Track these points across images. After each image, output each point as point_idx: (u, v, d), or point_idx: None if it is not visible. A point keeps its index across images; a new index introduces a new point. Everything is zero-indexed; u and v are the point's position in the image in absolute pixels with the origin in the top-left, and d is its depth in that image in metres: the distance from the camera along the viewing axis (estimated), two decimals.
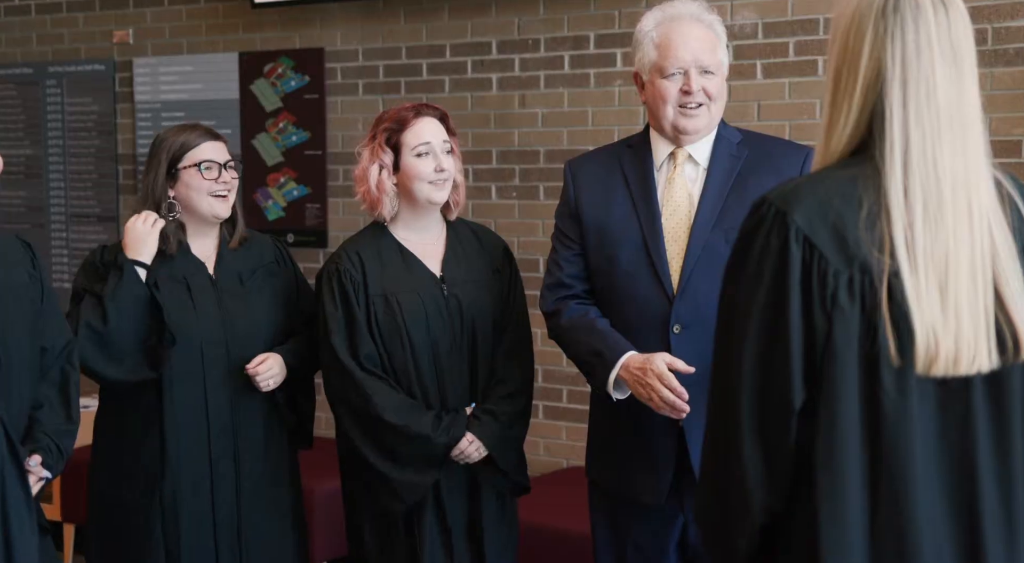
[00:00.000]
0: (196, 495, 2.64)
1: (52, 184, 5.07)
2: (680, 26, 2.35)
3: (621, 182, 2.43)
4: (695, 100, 2.34)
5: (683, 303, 2.32)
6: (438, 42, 4.22)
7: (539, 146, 4.07)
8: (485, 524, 2.62)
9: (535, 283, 4.02)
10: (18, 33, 5.10)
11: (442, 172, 2.57)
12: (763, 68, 3.68)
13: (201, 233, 2.73)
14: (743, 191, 2.33)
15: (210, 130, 2.75)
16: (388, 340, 2.57)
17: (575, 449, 4.00)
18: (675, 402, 2.23)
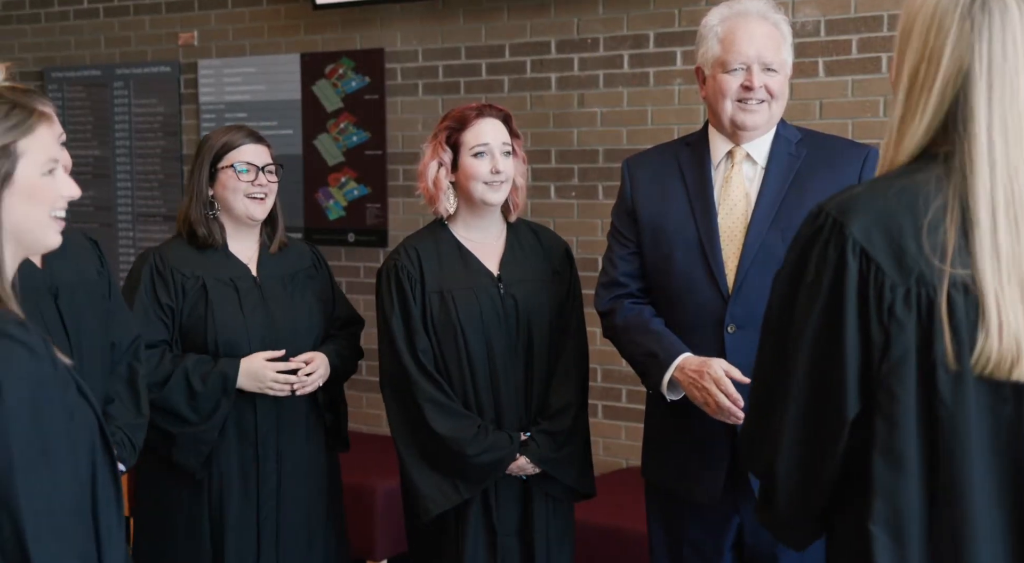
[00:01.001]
0: (242, 493, 2.69)
1: (119, 184, 5.17)
2: (746, 22, 2.34)
3: (678, 180, 2.43)
4: (756, 96, 2.33)
5: (738, 303, 2.31)
6: (497, 42, 4.23)
7: (598, 145, 4.06)
8: (536, 525, 2.61)
9: (594, 283, 4.01)
10: (87, 36, 5.20)
11: (498, 174, 2.57)
12: (825, 66, 3.64)
13: (241, 235, 2.77)
14: (801, 191, 2.31)
15: (253, 132, 2.78)
16: (442, 337, 2.58)
17: (634, 449, 3.99)
18: (731, 408, 2.24)
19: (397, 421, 2.63)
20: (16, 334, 1.50)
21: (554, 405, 2.62)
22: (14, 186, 1.56)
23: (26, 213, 1.58)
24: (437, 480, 2.57)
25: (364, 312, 4.44)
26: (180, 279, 2.69)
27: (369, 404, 4.46)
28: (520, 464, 2.58)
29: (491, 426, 2.58)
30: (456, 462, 2.55)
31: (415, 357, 2.57)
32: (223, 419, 2.66)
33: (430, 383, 2.57)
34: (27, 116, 1.58)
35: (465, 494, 2.57)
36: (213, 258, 2.73)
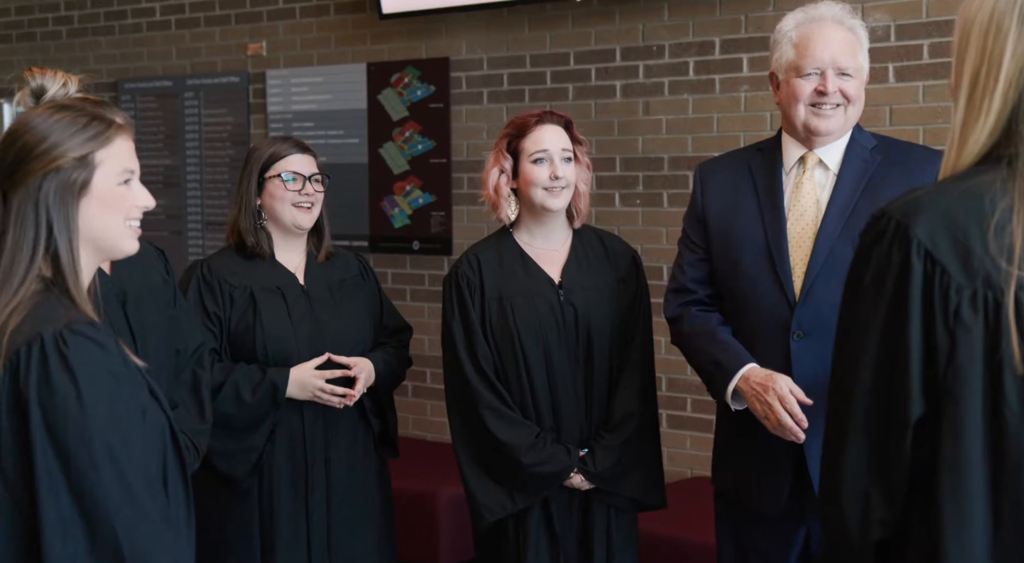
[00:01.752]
0: (291, 499, 2.71)
1: (189, 192, 5.26)
2: (821, 27, 2.32)
3: (749, 186, 2.41)
4: (831, 101, 2.30)
5: (805, 310, 2.28)
6: (562, 50, 4.23)
7: (663, 153, 4.04)
8: (596, 535, 2.60)
9: (659, 291, 3.98)
10: (159, 47, 5.31)
11: (557, 179, 2.57)
12: (895, 71, 3.59)
13: (288, 244, 2.80)
14: (873, 198, 2.27)
15: (300, 143, 2.80)
16: (501, 344, 2.58)
17: (699, 458, 3.96)
18: (793, 428, 2.22)
19: (457, 428, 2.64)
20: (88, 332, 1.56)
21: (616, 415, 2.60)
22: (91, 194, 1.62)
23: (102, 221, 1.64)
24: (493, 489, 2.57)
25: (428, 320, 4.47)
26: (228, 288, 2.72)
27: (433, 412, 4.48)
28: (575, 481, 2.57)
29: (550, 436, 2.57)
30: (512, 471, 2.55)
31: (475, 364, 2.58)
32: (271, 428, 2.68)
33: (489, 390, 2.57)
34: (105, 128, 1.64)
35: (520, 504, 2.56)
36: (261, 267, 2.75)
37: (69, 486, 1.52)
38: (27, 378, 1.53)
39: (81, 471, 1.52)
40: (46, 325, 1.55)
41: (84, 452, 1.52)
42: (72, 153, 1.60)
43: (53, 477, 1.52)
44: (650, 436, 2.65)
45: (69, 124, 1.61)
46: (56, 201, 1.59)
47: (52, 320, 1.55)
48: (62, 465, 1.52)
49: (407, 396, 4.55)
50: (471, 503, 2.61)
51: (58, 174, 1.59)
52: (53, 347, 1.53)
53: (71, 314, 1.57)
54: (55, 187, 1.59)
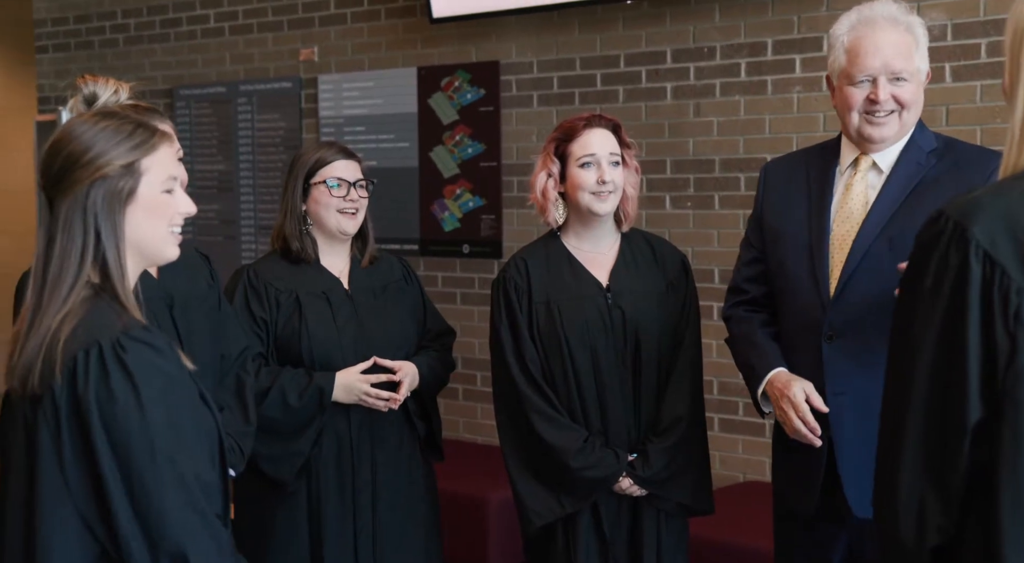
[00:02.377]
0: (338, 502, 2.72)
1: (242, 197, 5.31)
2: (873, 31, 2.26)
3: (803, 186, 2.39)
4: (883, 108, 2.26)
5: (837, 311, 2.26)
6: (612, 52, 4.21)
7: (714, 155, 4.01)
8: (646, 540, 2.58)
9: (709, 294, 3.97)
10: (213, 54, 5.37)
11: (604, 184, 2.56)
12: (952, 71, 3.53)
13: (333, 250, 2.81)
14: (921, 200, 2.23)
15: (344, 148, 2.82)
16: (548, 348, 2.58)
17: (751, 463, 3.92)
18: (807, 435, 2.25)
19: (505, 431, 2.64)
20: (145, 337, 1.58)
21: (665, 419, 2.58)
22: (137, 202, 1.63)
23: (147, 228, 1.65)
24: (541, 492, 2.57)
25: (478, 323, 4.47)
26: (274, 293, 2.74)
27: (483, 415, 4.48)
28: (624, 485, 2.55)
29: (598, 440, 2.56)
30: (560, 475, 2.54)
31: (523, 368, 2.58)
32: (317, 433, 2.70)
33: (537, 394, 2.57)
34: (150, 135, 1.65)
35: (568, 508, 2.55)
36: (306, 272, 2.77)
37: (130, 494, 1.54)
38: (86, 385, 1.54)
39: (143, 478, 1.54)
40: (102, 331, 1.56)
41: (146, 459, 1.54)
42: (119, 161, 1.61)
43: (119, 488, 1.53)
44: (699, 440, 2.63)
45: (114, 132, 1.63)
46: (104, 209, 1.61)
47: (107, 326, 1.57)
48: (124, 474, 1.54)
49: (457, 399, 4.56)
50: (519, 507, 2.61)
51: (105, 182, 1.61)
52: (112, 353, 1.55)
53: (125, 320, 1.59)
54: (103, 195, 1.60)
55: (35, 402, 1.58)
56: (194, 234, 5.37)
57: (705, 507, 2.64)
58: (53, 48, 5.98)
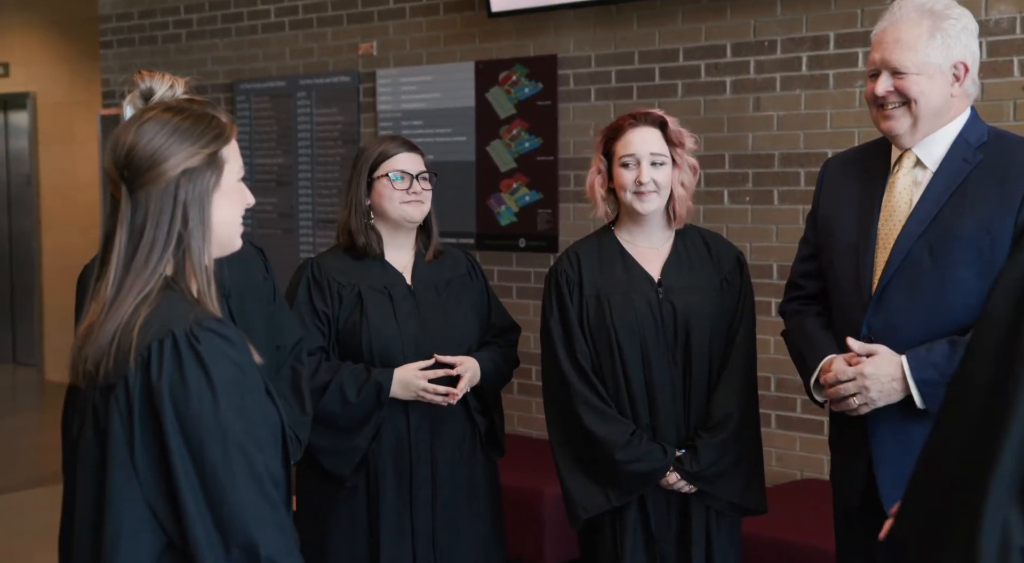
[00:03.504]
0: (396, 498, 2.72)
1: (301, 191, 5.36)
2: (889, 23, 2.25)
3: (857, 183, 2.37)
4: (889, 101, 2.24)
5: (876, 313, 2.24)
6: (671, 46, 4.18)
7: (773, 150, 3.97)
8: (694, 535, 2.56)
9: (767, 290, 3.93)
10: (273, 49, 5.42)
11: (641, 185, 2.55)
12: (1020, 64, 3.45)
13: (397, 244, 2.81)
14: (962, 200, 2.19)
15: (407, 141, 2.82)
16: (598, 341, 2.57)
17: (809, 460, 3.88)
18: (844, 388, 2.22)
19: (554, 424, 2.64)
20: (218, 329, 1.60)
21: (715, 415, 2.56)
22: (222, 190, 1.66)
23: (228, 216, 1.69)
24: (589, 485, 2.56)
25: (534, 317, 4.47)
26: (336, 287, 2.75)
27: (538, 409, 4.47)
28: (671, 480, 2.54)
29: (646, 434, 2.55)
30: (607, 468, 2.54)
31: (573, 360, 2.57)
32: (375, 428, 2.70)
33: (586, 386, 2.56)
34: (223, 126, 1.68)
35: (615, 502, 2.54)
36: (369, 267, 2.78)
37: (203, 485, 1.55)
38: (160, 374, 1.55)
39: (216, 469, 1.55)
40: (176, 321, 1.57)
41: (219, 450, 1.55)
42: (204, 151, 1.64)
43: (191, 478, 1.54)
44: (751, 438, 2.61)
45: (194, 124, 1.65)
46: (195, 199, 1.63)
47: (181, 316, 1.58)
48: (196, 464, 1.54)
49: (513, 393, 4.56)
50: (566, 500, 2.60)
51: (194, 173, 1.63)
52: (186, 344, 1.56)
53: (198, 311, 1.60)
54: (194, 186, 1.63)
55: (107, 391, 1.59)
56: (253, 227, 5.43)
57: (757, 506, 2.61)
58: (117, 43, 6.08)
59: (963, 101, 2.27)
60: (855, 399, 2.21)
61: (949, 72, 2.23)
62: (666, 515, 2.58)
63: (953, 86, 2.24)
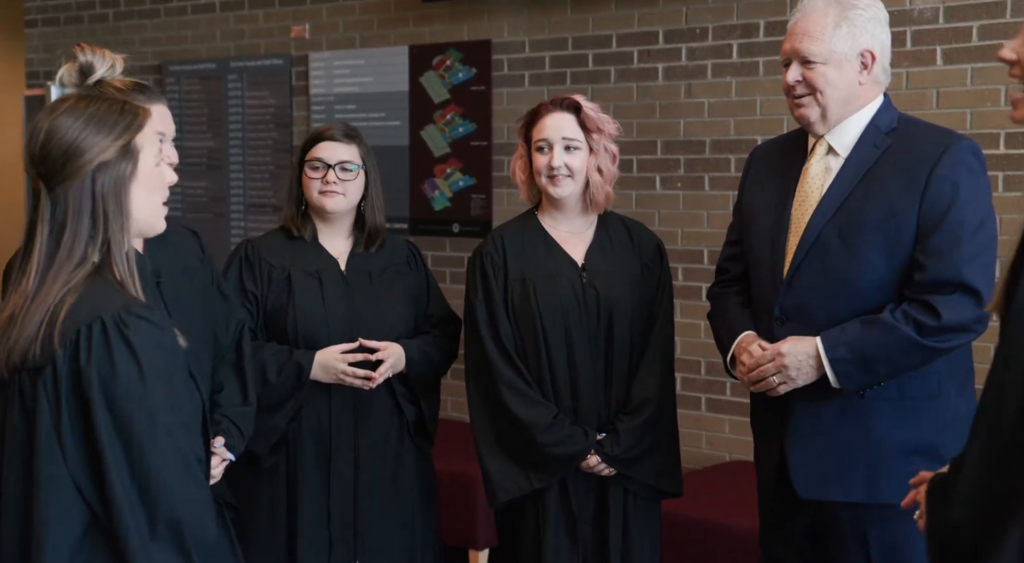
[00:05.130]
0: (316, 482, 2.72)
1: (232, 175, 5.30)
2: (799, 14, 2.32)
3: (776, 170, 2.43)
4: (796, 91, 2.30)
5: (788, 294, 2.31)
6: (604, 32, 4.20)
7: (705, 136, 4.01)
8: (612, 519, 2.60)
9: (698, 275, 3.98)
10: (203, 30, 5.34)
11: (553, 169, 2.57)
12: (943, 54, 3.53)
13: (331, 230, 2.81)
14: (870, 184, 2.26)
15: (341, 129, 2.80)
16: (522, 324, 2.60)
17: (738, 443, 3.94)
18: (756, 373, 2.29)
19: (476, 406, 2.66)
20: (146, 314, 1.64)
21: (635, 399, 2.60)
22: (138, 179, 1.70)
23: (147, 203, 1.72)
24: (510, 467, 2.59)
25: None
26: (267, 268, 2.75)
27: None
28: (592, 463, 2.57)
29: (568, 418, 2.57)
30: (529, 450, 2.56)
31: (497, 342, 2.60)
32: (295, 409, 2.69)
33: (510, 368, 2.58)
34: (136, 114, 1.71)
35: (536, 484, 2.57)
36: (304, 251, 2.78)
37: (130, 463, 1.59)
38: (89, 358, 1.59)
39: (143, 448, 1.59)
40: (104, 307, 1.61)
41: (146, 430, 1.59)
42: (118, 142, 1.67)
43: (117, 457, 1.59)
44: (668, 422, 2.65)
45: (105, 116, 1.68)
46: (112, 192, 1.66)
47: (109, 302, 1.62)
48: (124, 444, 1.59)
49: (446, 378, 4.56)
50: (486, 481, 2.63)
51: (108, 166, 1.66)
52: (115, 328, 1.60)
53: (125, 297, 1.64)
54: (109, 179, 1.66)
55: (34, 374, 1.62)
56: (183, 211, 5.36)
57: (673, 489, 2.66)
58: (42, 22, 5.94)
59: (873, 89, 2.32)
60: (775, 378, 2.26)
61: (856, 60, 2.28)
62: (585, 497, 2.61)
63: (861, 74, 2.29)
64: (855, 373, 2.20)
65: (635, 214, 3.07)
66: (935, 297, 2.17)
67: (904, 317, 2.18)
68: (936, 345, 2.18)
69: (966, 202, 2.19)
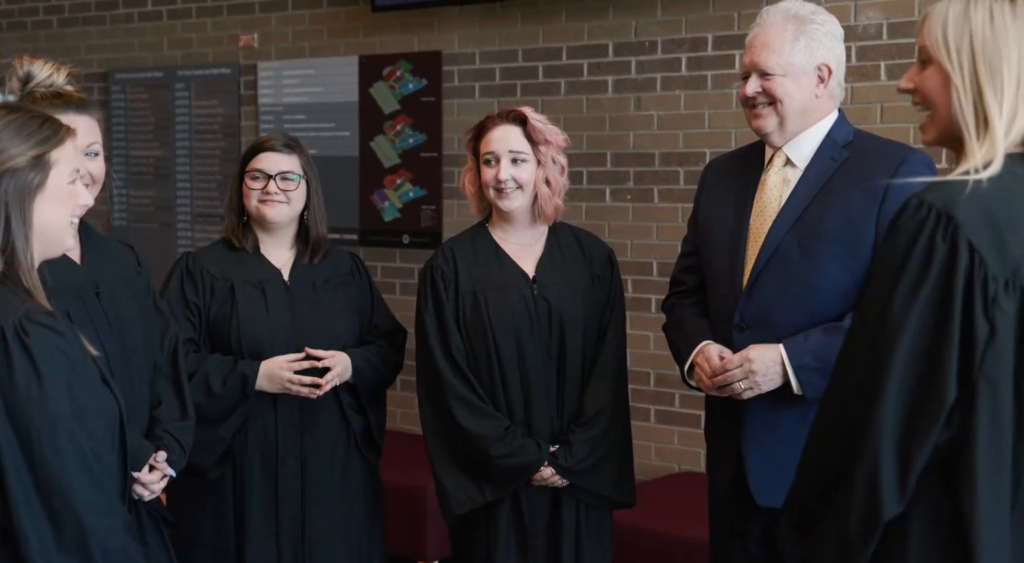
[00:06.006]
0: (263, 493, 2.70)
1: (179, 184, 5.24)
2: (758, 28, 2.36)
3: (733, 182, 2.46)
4: (756, 101, 2.34)
5: (748, 303, 2.33)
6: (554, 45, 4.22)
7: (654, 149, 4.04)
8: (565, 528, 2.60)
9: (648, 286, 4.00)
10: (150, 38, 5.28)
11: (500, 182, 2.57)
12: (887, 69, 3.59)
13: (273, 240, 2.79)
14: (828, 196, 2.31)
15: (281, 140, 2.78)
16: (474, 336, 2.59)
17: (687, 454, 3.96)
18: (719, 379, 2.31)
19: (428, 419, 2.65)
20: (47, 321, 1.64)
21: (588, 410, 2.61)
22: (45, 193, 1.70)
23: (53, 217, 1.72)
24: (463, 480, 2.58)
25: None
26: (209, 279, 2.73)
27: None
28: (545, 475, 2.57)
29: (520, 429, 2.57)
30: (481, 463, 2.56)
31: (448, 355, 2.59)
32: (240, 420, 2.67)
33: (461, 382, 2.58)
34: (56, 130, 1.72)
35: (489, 496, 2.57)
36: (246, 262, 2.76)
37: (33, 473, 1.59)
38: None
39: (45, 456, 1.59)
40: (4, 315, 1.61)
41: (47, 438, 1.59)
42: (29, 153, 1.68)
43: (18, 465, 1.58)
44: (621, 433, 2.66)
45: (22, 126, 1.69)
46: (15, 199, 1.67)
47: (10, 311, 1.62)
48: (25, 452, 1.58)
49: (395, 390, 4.54)
50: (440, 495, 2.62)
51: (16, 174, 1.67)
52: (14, 336, 1.60)
53: (28, 304, 1.64)
54: (13, 186, 1.67)
55: None
56: (129, 221, 5.29)
57: (627, 499, 2.67)
58: None
59: (829, 103, 2.37)
60: (741, 384, 2.29)
61: (813, 74, 2.33)
62: (539, 509, 2.61)
63: (818, 87, 2.34)
64: (818, 381, 2.24)
65: (585, 226, 3.08)
66: None
67: None
68: None
69: None
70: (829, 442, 1.52)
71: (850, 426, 1.47)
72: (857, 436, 1.46)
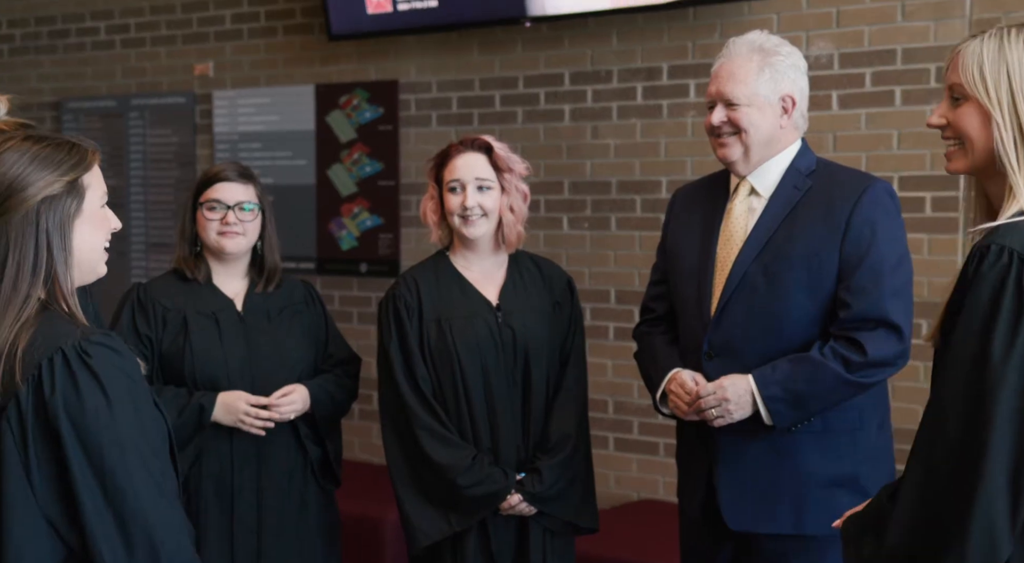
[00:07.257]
0: (219, 525, 2.67)
1: (133, 214, 5.19)
2: (724, 59, 2.39)
3: (700, 211, 2.48)
4: (722, 131, 2.37)
5: (716, 331, 2.36)
6: (511, 74, 4.24)
7: (611, 177, 4.06)
8: (532, 557, 2.60)
9: (606, 314, 4.01)
10: (103, 67, 5.24)
11: (467, 210, 2.58)
12: (839, 99, 3.64)
13: (226, 270, 2.78)
14: (793, 224, 2.35)
15: (238, 169, 2.77)
16: (439, 366, 2.58)
17: (646, 482, 3.96)
18: (695, 404, 2.32)
19: (393, 450, 2.63)
20: (104, 340, 1.64)
21: (553, 437, 2.61)
22: (83, 216, 1.70)
23: (90, 241, 1.73)
24: (429, 511, 2.57)
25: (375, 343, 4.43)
26: (161, 311, 2.71)
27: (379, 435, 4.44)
28: (513, 502, 2.56)
29: (487, 458, 2.57)
30: (448, 493, 2.54)
31: (413, 385, 2.58)
32: (196, 452, 2.65)
33: (427, 412, 2.57)
34: (85, 153, 1.72)
35: (456, 526, 2.56)
36: (198, 293, 2.74)
37: (104, 493, 1.58)
38: (53, 390, 1.59)
39: (116, 476, 1.59)
40: (63, 338, 1.61)
41: (118, 458, 1.59)
42: (64, 178, 1.68)
43: (91, 487, 1.58)
44: (584, 458, 2.67)
45: (53, 152, 1.69)
46: (56, 225, 1.67)
47: (66, 334, 1.62)
48: (96, 474, 1.58)
49: (353, 419, 4.51)
50: (406, 527, 2.60)
51: (54, 200, 1.67)
52: (76, 357, 1.60)
53: (83, 327, 1.65)
54: (54, 213, 1.67)
55: None
56: None
57: (591, 524, 2.67)
58: None
59: (793, 133, 2.41)
60: (713, 411, 2.30)
61: (777, 104, 2.37)
62: (505, 538, 2.60)
63: (782, 118, 2.38)
64: (787, 411, 2.26)
65: (543, 254, 3.09)
66: (860, 333, 2.26)
67: (832, 354, 2.26)
68: (861, 380, 2.27)
69: (884, 241, 2.29)
70: (935, 494, 1.53)
71: (958, 476, 1.49)
72: (967, 485, 1.48)
